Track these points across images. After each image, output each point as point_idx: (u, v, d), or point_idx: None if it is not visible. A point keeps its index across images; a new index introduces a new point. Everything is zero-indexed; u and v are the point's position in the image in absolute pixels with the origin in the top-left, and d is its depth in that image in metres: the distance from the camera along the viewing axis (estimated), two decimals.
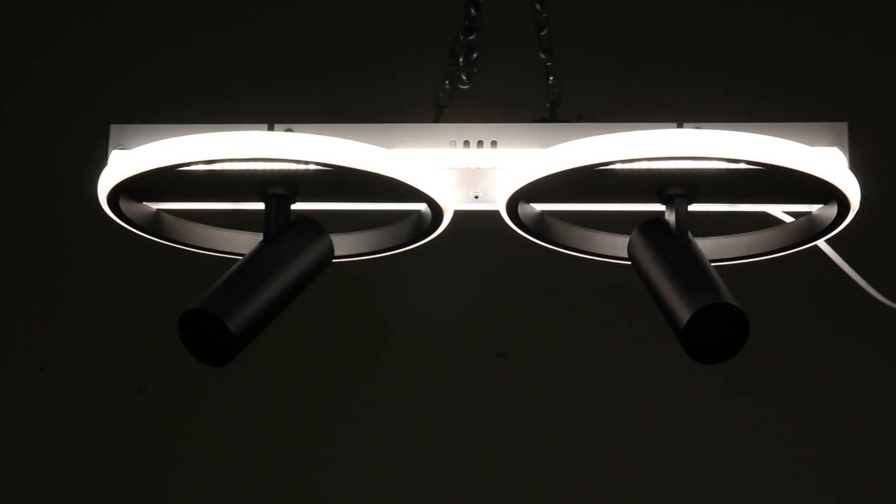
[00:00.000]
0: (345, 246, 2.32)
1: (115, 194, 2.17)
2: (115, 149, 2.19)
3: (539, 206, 2.25)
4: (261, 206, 2.20)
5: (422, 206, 2.24)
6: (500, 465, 4.30)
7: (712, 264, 2.13)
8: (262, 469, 4.32)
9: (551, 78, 2.57)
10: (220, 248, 2.35)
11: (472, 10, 2.60)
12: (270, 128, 2.13)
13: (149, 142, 2.11)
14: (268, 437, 4.34)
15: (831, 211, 2.16)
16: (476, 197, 2.22)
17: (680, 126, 2.07)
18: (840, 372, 4.22)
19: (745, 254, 2.29)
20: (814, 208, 2.22)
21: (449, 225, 2.24)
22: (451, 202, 2.20)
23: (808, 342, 4.20)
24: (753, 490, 4.23)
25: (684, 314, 2.02)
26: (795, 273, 3.75)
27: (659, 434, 4.27)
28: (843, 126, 2.15)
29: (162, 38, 4.18)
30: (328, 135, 2.06)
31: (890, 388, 4.20)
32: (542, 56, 2.60)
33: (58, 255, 4.32)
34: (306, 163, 2.05)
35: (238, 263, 2.15)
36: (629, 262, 2.20)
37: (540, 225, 2.25)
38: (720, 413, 4.23)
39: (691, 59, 4.06)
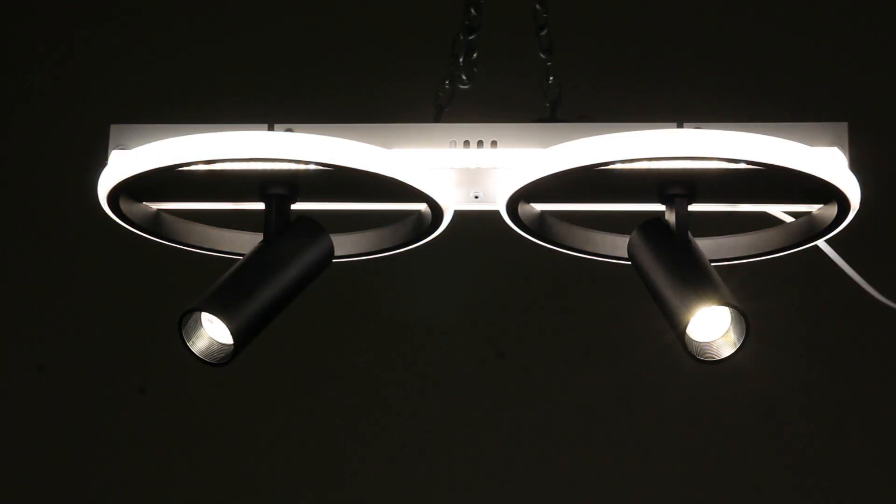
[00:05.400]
0: (345, 246, 2.32)
1: (116, 194, 2.17)
2: (115, 149, 2.20)
3: (539, 206, 2.25)
4: (261, 206, 2.20)
5: (422, 206, 2.24)
6: (500, 465, 4.30)
7: (712, 264, 2.13)
8: (262, 468, 4.31)
9: (551, 78, 2.57)
10: (220, 248, 2.35)
11: (472, 11, 2.60)
12: (270, 128, 2.13)
13: (149, 142, 2.11)
14: (267, 436, 4.34)
15: (831, 211, 2.16)
16: (476, 197, 2.22)
17: (680, 126, 2.07)
18: (840, 372, 4.22)
19: (745, 254, 2.29)
20: (814, 208, 2.22)
21: (449, 225, 2.24)
22: (451, 202, 2.20)
23: (808, 342, 4.20)
24: (752, 489, 4.23)
25: (684, 314, 2.03)
26: (795, 273, 3.75)
27: (659, 433, 4.26)
28: (843, 126, 2.15)
29: (162, 39, 4.18)
30: (328, 135, 2.06)
31: (890, 388, 4.19)
32: (542, 56, 2.60)
33: (58, 255, 4.32)
34: (306, 163, 2.05)
35: (238, 263, 2.15)
36: (629, 262, 2.20)
37: (540, 225, 2.25)
38: (720, 413, 4.23)
39: (691, 59, 4.06)
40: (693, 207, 2.16)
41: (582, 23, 3.84)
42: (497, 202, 2.18)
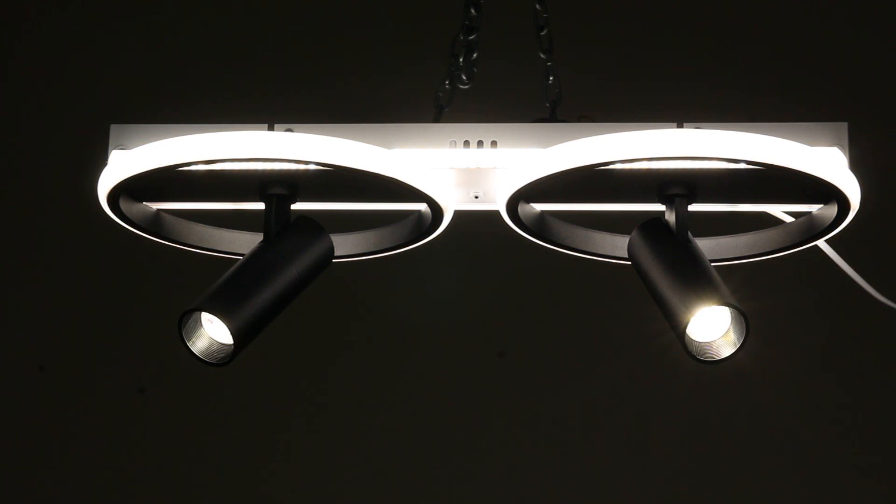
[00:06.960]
0: (345, 246, 2.32)
1: (116, 194, 2.17)
2: (115, 149, 2.20)
3: (539, 206, 2.25)
4: (261, 206, 2.20)
5: (422, 206, 2.24)
6: (501, 465, 4.30)
7: (712, 264, 2.13)
8: (261, 468, 4.31)
9: (551, 78, 2.57)
10: (220, 248, 2.35)
11: (472, 10, 2.61)
12: (270, 128, 2.13)
13: (149, 142, 2.11)
14: (267, 436, 4.34)
15: (831, 211, 2.16)
16: (476, 197, 2.22)
17: (680, 126, 2.07)
18: (840, 372, 4.22)
19: (745, 254, 2.29)
20: (814, 208, 2.22)
21: (449, 225, 2.24)
22: (451, 202, 2.20)
23: (808, 342, 4.20)
24: (752, 489, 4.23)
25: (684, 314, 2.03)
26: (795, 273, 3.75)
27: (658, 433, 4.26)
28: (843, 126, 2.15)
29: (162, 38, 4.18)
30: (328, 135, 2.06)
31: (890, 388, 4.19)
32: (542, 56, 2.60)
33: (58, 255, 4.32)
34: (306, 163, 2.05)
35: (238, 263, 2.15)
36: (629, 262, 2.20)
37: (540, 225, 2.25)
38: (720, 413, 4.23)
39: (691, 59, 4.06)
40: (693, 207, 2.16)
41: (582, 22, 3.84)
42: (497, 202, 2.18)
